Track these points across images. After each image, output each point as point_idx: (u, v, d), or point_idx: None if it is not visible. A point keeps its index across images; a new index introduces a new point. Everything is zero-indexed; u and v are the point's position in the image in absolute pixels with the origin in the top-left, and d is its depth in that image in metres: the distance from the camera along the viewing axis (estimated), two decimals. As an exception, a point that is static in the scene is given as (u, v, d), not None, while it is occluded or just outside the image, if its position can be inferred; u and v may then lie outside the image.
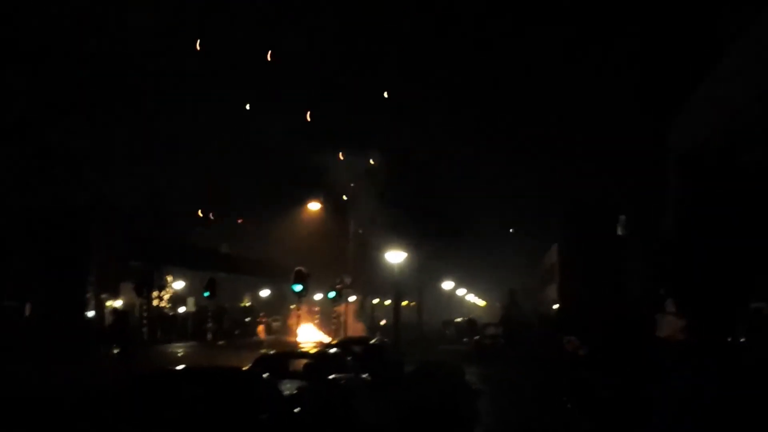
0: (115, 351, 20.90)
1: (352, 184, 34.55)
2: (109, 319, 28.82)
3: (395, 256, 24.81)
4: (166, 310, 38.75)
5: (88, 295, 30.24)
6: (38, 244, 26.70)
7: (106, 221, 29.83)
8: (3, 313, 26.20)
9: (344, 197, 35.53)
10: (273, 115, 31.36)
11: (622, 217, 32.12)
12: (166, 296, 40.15)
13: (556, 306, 36.25)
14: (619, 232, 32.36)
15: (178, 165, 31.14)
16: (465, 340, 35.49)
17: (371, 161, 34.80)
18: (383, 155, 35.12)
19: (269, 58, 31.72)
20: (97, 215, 29.18)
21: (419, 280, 39.35)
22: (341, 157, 34.17)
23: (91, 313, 30.52)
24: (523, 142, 30.92)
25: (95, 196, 27.98)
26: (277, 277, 42.29)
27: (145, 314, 31.56)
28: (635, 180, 22.18)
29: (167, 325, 36.14)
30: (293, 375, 11.48)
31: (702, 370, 2.52)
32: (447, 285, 52.16)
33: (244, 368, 10.09)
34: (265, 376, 8.77)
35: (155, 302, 35.57)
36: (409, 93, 32.67)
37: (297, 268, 24.66)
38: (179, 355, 27.71)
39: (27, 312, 28.01)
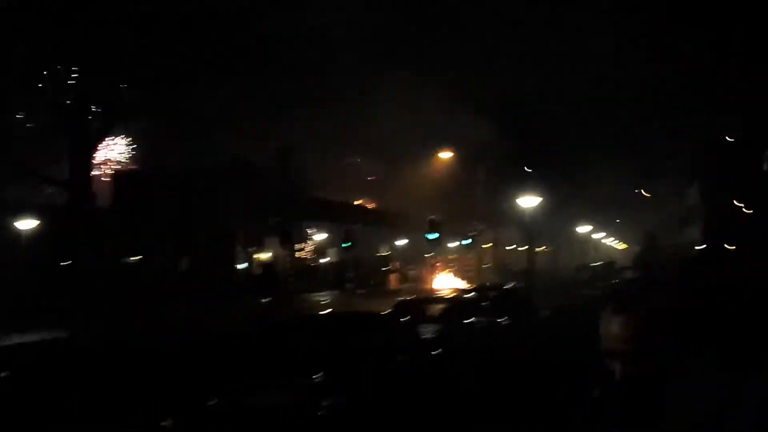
0: (265, 300, 22.39)
1: (481, 131, 34.30)
2: (257, 271, 30.78)
3: (527, 201, 24.59)
4: (308, 261, 40.65)
5: (238, 249, 32.27)
6: (189, 203, 28.67)
7: (251, 178, 31.44)
8: (158, 267, 28.53)
9: (474, 145, 35.34)
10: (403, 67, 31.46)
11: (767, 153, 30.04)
12: (309, 248, 42.12)
13: (698, 247, 34.70)
14: (766, 167, 30.33)
15: (309, 121, 32.10)
16: (602, 285, 34.69)
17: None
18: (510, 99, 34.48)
19: None
20: (242, 172, 30.80)
21: (553, 224, 38.74)
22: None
23: (242, 266, 32.62)
24: (659, 76, 29.24)
25: (234, 157, 29.59)
26: (412, 227, 43.09)
27: (289, 265, 33.19)
28: None
29: (310, 275, 37.85)
30: (431, 319, 11.96)
31: None
32: (583, 229, 50.86)
33: (384, 312, 10.69)
34: (404, 320, 9.28)
35: (299, 254, 37.39)
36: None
37: (430, 217, 25.16)
38: (323, 302, 29.11)
39: (183, 266, 30.36)
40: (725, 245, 27.51)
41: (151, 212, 27.78)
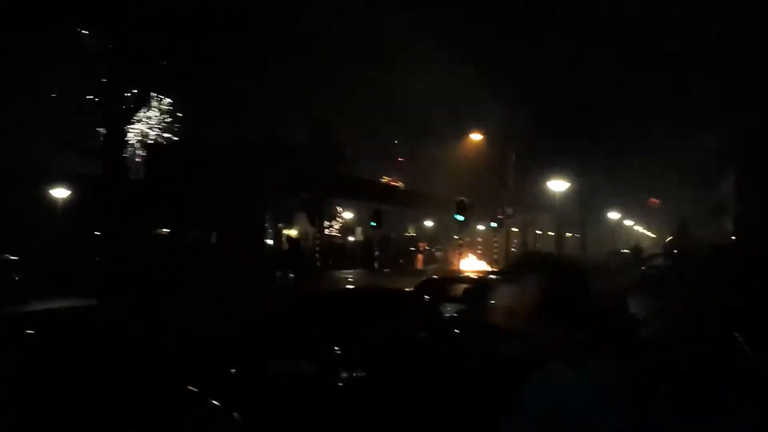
0: (291, 275, 22.61)
1: (511, 113, 34.04)
2: (285, 246, 31.03)
3: (557, 186, 24.45)
4: (336, 239, 40.89)
5: (267, 225, 32.56)
6: (220, 177, 28.94)
7: (282, 154, 31.61)
8: (192, 241, 28.94)
9: (504, 127, 35.12)
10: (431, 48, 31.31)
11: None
12: (336, 226, 42.34)
13: (733, 238, 34.08)
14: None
15: (343, 99, 32.16)
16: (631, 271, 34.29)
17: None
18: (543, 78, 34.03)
19: None
20: (271, 150, 30.98)
21: (583, 210, 38.44)
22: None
23: (270, 242, 32.93)
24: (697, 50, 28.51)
25: (268, 132, 29.72)
26: (440, 208, 43.08)
27: (317, 242, 33.46)
28: None
29: (337, 252, 38.12)
30: (454, 299, 11.97)
31: None
32: (613, 215, 50.39)
33: (407, 290, 10.74)
34: (427, 298, 9.31)
35: (326, 231, 37.61)
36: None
37: (458, 199, 25.12)
38: (348, 279, 29.32)
39: (213, 241, 30.75)
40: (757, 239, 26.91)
41: (182, 185, 28.11)
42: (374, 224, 33.32)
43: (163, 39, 22.16)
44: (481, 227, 43.39)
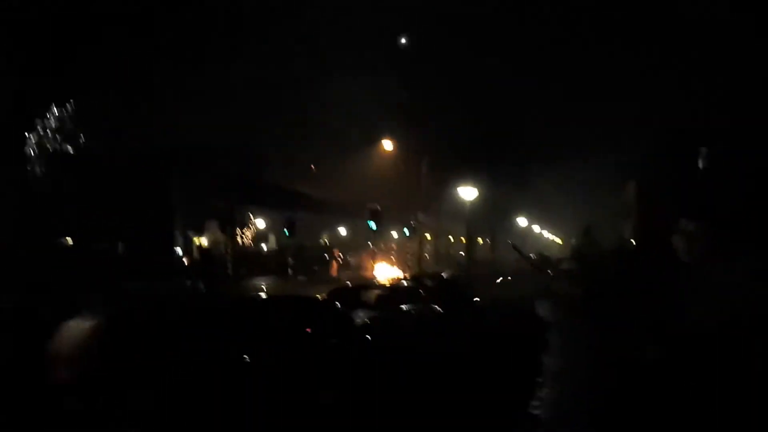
0: (202, 285, 22.20)
1: (423, 120, 34.59)
2: (196, 255, 30.41)
3: (467, 193, 25.02)
4: (249, 247, 40.34)
5: (175, 233, 31.81)
6: (126, 186, 28.13)
7: (191, 162, 31.02)
8: (97, 254, 27.92)
9: (417, 135, 35.67)
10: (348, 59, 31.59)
11: (704, 149, 30.82)
12: (249, 234, 41.78)
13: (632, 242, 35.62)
14: (700, 164, 31.16)
15: (258, 107, 31.95)
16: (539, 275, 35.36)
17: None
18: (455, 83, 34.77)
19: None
20: (182, 156, 30.34)
21: (493, 217, 39.40)
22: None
23: (179, 251, 32.17)
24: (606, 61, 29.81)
25: (180, 138, 29.18)
26: (354, 216, 43.19)
27: (229, 251, 32.95)
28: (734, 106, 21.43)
29: (250, 261, 37.58)
30: (366, 306, 12.08)
31: None
32: (521, 222, 51.84)
33: (318, 297, 10.77)
34: (338, 305, 9.38)
35: (239, 240, 37.05)
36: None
37: (371, 206, 25.28)
38: (262, 288, 28.96)
39: (120, 251, 29.77)
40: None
41: (87, 194, 27.18)
42: (287, 232, 33.10)
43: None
44: (395, 234, 43.77)
